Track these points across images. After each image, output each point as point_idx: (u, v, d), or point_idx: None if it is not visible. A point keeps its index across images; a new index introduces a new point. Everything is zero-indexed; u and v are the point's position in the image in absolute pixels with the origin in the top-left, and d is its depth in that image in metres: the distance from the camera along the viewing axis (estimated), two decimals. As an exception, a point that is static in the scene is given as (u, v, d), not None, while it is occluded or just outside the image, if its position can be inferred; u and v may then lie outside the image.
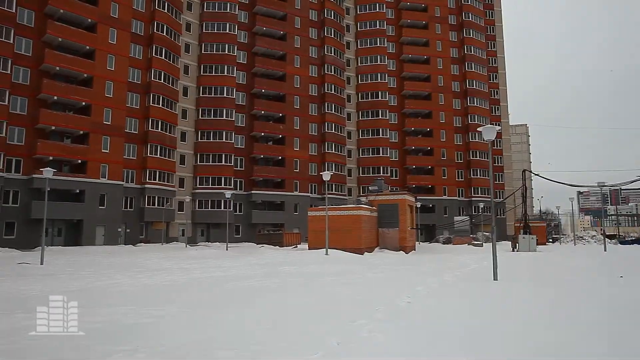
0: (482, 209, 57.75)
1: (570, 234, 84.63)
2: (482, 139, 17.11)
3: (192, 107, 50.22)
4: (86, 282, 13.53)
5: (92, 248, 33.85)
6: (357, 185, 60.77)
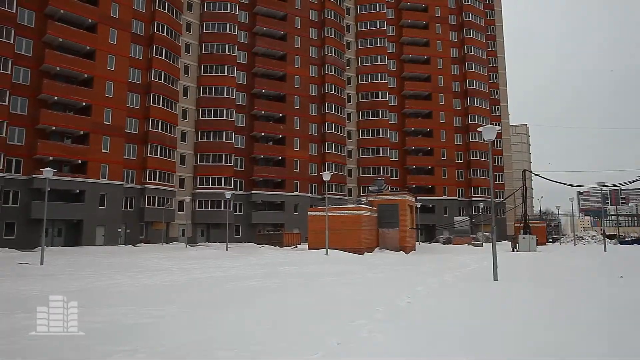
0: (482, 209, 57.76)
1: (570, 234, 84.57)
2: (482, 139, 17.12)
3: (192, 107, 50.22)
4: (86, 282, 13.52)
5: (92, 248, 33.84)
6: (357, 186, 60.77)
